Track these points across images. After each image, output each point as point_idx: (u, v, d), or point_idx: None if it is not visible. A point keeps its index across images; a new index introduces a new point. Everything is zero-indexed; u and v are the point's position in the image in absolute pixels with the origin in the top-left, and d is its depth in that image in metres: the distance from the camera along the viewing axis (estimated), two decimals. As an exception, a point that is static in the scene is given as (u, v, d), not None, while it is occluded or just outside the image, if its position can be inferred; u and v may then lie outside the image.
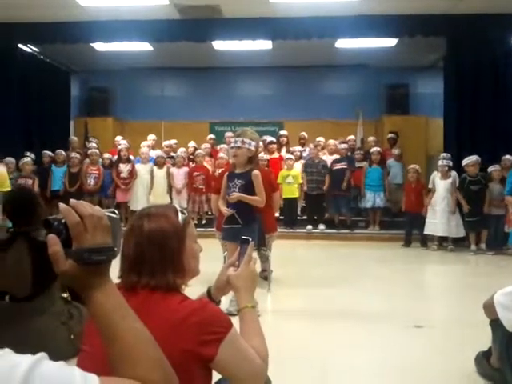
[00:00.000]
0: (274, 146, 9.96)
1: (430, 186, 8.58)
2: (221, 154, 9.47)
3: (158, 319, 1.34)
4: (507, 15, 8.47)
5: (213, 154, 10.34)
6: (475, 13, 8.48)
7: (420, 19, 8.66)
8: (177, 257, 1.47)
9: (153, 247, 1.44)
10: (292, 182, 9.31)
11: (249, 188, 4.19)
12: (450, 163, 8.33)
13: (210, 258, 4.29)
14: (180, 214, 1.52)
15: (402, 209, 8.91)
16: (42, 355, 0.78)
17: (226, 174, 4.43)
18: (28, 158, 9.03)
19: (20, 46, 9.90)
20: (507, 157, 8.21)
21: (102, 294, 0.93)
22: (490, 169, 8.17)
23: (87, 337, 1.39)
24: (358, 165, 9.74)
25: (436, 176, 8.44)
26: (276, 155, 9.88)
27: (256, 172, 4.24)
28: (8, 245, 3.07)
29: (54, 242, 0.90)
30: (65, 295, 3.24)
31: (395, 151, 9.92)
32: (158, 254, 1.43)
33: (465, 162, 8.11)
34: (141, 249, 1.44)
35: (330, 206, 9.72)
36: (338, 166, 9.35)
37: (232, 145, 4.26)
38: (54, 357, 0.81)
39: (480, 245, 8.06)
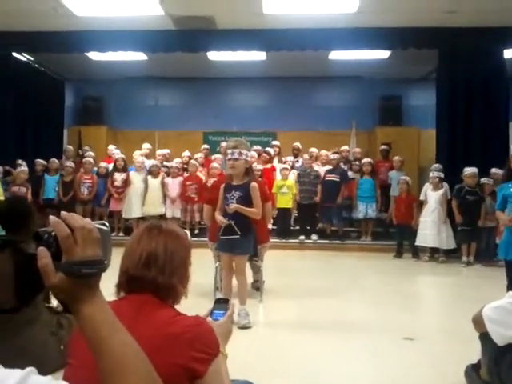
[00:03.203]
0: (267, 156, 9.98)
1: (421, 197, 8.63)
2: (214, 164, 9.47)
3: (151, 330, 1.35)
4: (499, 28, 8.56)
5: (205, 163, 10.34)
6: (467, 26, 8.56)
7: (413, 32, 8.74)
8: (184, 265, 1.59)
9: (167, 249, 1.55)
10: (287, 192, 9.33)
11: (246, 200, 4.20)
12: (441, 175, 8.39)
13: (203, 268, 4.30)
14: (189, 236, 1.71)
15: (394, 221, 8.89)
16: (30, 370, 0.78)
17: (223, 185, 4.42)
18: (24, 167, 8.99)
19: (14, 54, 9.90)
20: (493, 170, 8.28)
21: (92, 308, 0.93)
22: (483, 181, 8.23)
23: (73, 350, 1.39)
24: (352, 176, 9.76)
25: (428, 187, 8.51)
26: (269, 165, 9.91)
27: (254, 184, 4.25)
28: None
29: (43, 255, 0.90)
30: (54, 305, 3.22)
31: (396, 158, 9.92)
32: (169, 257, 1.54)
33: (464, 172, 8.15)
34: (156, 248, 1.54)
35: (323, 217, 9.75)
36: (330, 178, 9.37)
37: (229, 156, 4.24)
38: (45, 367, 0.81)
39: (469, 257, 8.09)
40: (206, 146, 11.36)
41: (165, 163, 10.41)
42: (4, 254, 3.00)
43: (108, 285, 1.32)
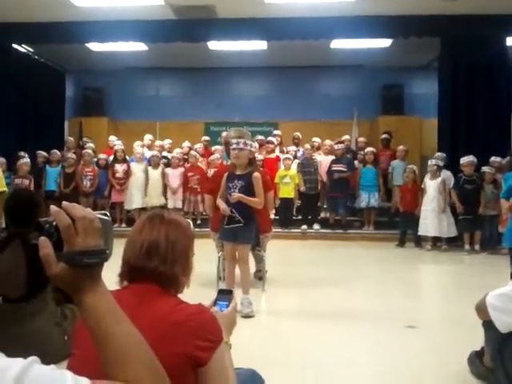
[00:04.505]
0: (271, 145, 9.95)
1: (422, 186, 8.63)
2: (216, 155, 9.46)
3: (153, 319, 1.35)
4: (501, 16, 8.52)
5: (205, 154, 10.33)
6: (469, 13, 8.52)
7: (414, 20, 8.69)
8: (186, 254, 1.57)
9: (169, 238, 1.53)
10: (289, 182, 9.31)
11: (249, 189, 4.21)
12: (440, 163, 8.40)
13: (205, 258, 4.31)
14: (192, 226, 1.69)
15: (400, 209, 8.87)
16: (33, 359, 0.78)
17: (226, 174, 4.42)
18: (26, 159, 8.98)
19: (14, 45, 9.87)
20: (492, 158, 8.28)
21: (94, 297, 0.93)
22: (484, 169, 8.22)
23: (77, 340, 1.39)
24: (356, 165, 9.73)
25: (427, 176, 8.51)
26: (273, 155, 9.89)
27: (257, 174, 4.26)
28: (3, 246, 3.05)
29: (45, 245, 0.90)
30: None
31: (400, 148, 9.84)
32: (171, 246, 1.53)
33: (461, 161, 8.17)
34: (157, 237, 1.53)
35: (328, 207, 9.73)
36: (336, 168, 9.32)
37: (234, 146, 4.25)
38: (49, 358, 0.81)
39: (474, 246, 8.09)
40: (206, 137, 11.36)
41: (164, 154, 10.39)
42: (13, 245, 3.01)
43: (110, 274, 1.32)
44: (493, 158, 8.28)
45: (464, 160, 8.15)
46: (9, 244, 3.05)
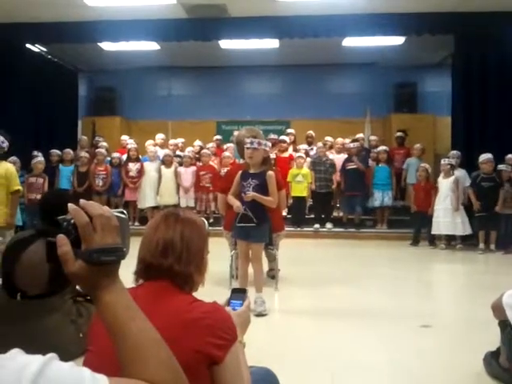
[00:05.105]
0: (285, 144, 9.93)
1: (436, 184, 8.57)
2: (226, 153, 9.47)
3: (169, 316, 1.35)
4: (515, 13, 8.42)
5: (217, 153, 10.34)
6: (483, 10, 8.43)
7: (427, 17, 8.63)
8: (200, 253, 1.57)
9: (184, 237, 1.53)
10: (302, 180, 9.29)
11: (263, 188, 4.22)
12: (453, 162, 8.33)
13: (218, 256, 4.31)
14: (206, 224, 1.68)
15: (412, 208, 8.80)
16: (51, 356, 0.78)
17: (240, 172, 4.42)
18: (41, 158, 9.04)
19: (28, 45, 9.94)
20: (508, 156, 8.19)
21: (111, 295, 0.93)
22: (500, 167, 8.13)
23: (93, 337, 1.40)
24: (369, 164, 9.69)
25: (440, 175, 8.45)
26: (286, 154, 9.87)
27: (271, 173, 4.27)
28: (28, 243, 3.07)
29: (63, 243, 0.90)
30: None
31: (417, 146, 9.75)
32: (186, 245, 1.53)
33: (480, 159, 8.09)
34: (172, 236, 1.53)
35: (344, 206, 9.69)
36: (352, 166, 9.29)
37: (248, 145, 4.26)
38: (64, 355, 0.82)
39: (489, 244, 8.00)
40: (218, 136, 11.37)
41: (178, 153, 10.42)
42: (38, 243, 3.03)
43: (126, 272, 1.32)
44: (509, 156, 8.18)
45: (483, 158, 8.04)
46: (33, 242, 3.06)
